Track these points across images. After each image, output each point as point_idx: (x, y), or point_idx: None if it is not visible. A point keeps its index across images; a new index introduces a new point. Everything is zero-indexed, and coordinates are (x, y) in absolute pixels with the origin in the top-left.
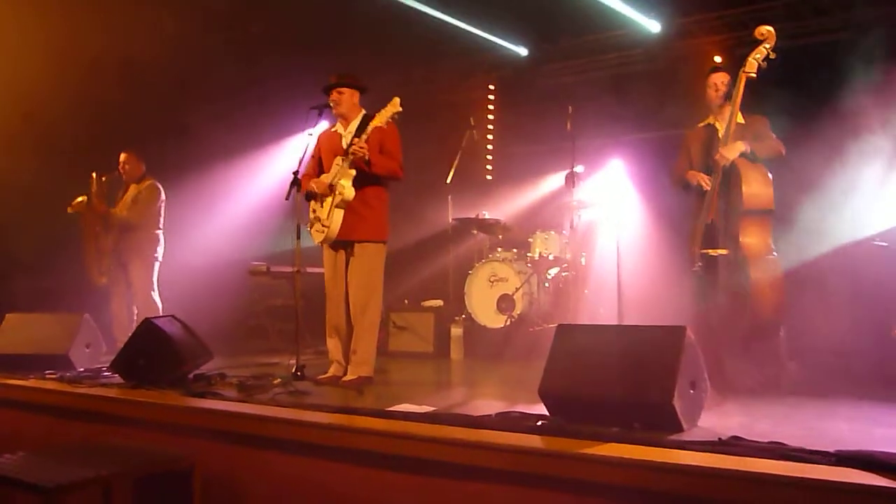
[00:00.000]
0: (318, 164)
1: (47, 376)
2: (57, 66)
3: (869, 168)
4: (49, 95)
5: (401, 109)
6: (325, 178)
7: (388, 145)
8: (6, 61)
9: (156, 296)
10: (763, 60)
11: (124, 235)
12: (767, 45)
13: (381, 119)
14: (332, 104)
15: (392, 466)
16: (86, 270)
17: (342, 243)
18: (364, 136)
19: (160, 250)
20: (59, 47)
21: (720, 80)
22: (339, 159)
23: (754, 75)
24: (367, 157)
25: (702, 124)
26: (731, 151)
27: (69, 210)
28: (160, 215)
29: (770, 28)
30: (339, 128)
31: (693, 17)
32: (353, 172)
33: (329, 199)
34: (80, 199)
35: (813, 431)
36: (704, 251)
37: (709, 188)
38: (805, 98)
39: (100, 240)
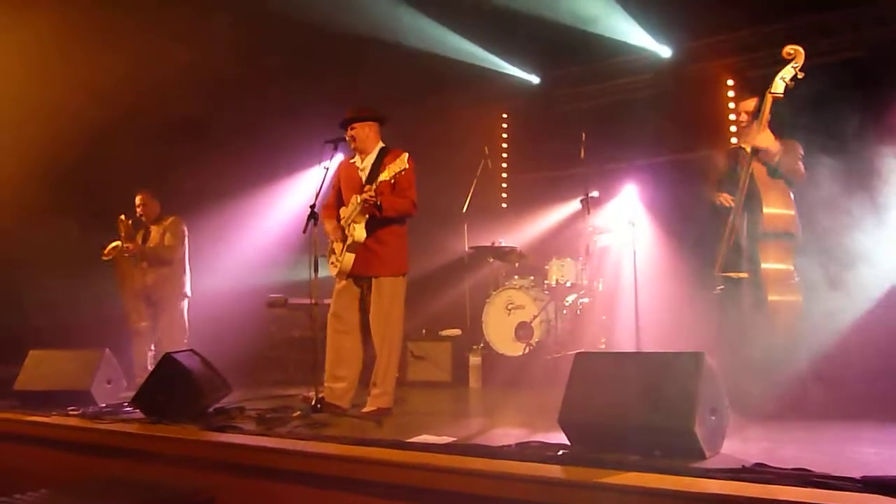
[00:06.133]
0: (338, 194)
1: (70, 412)
2: (72, 105)
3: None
4: (64, 133)
5: (408, 167)
6: (343, 214)
7: (402, 182)
8: (22, 100)
9: (184, 339)
10: (791, 80)
11: (155, 274)
12: (796, 65)
13: (388, 174)
14: (348, 139)
15: (412, 498)
16: (125, 317)
17: (359, 277)
18: (374, 186)
19: (188, 285)
20: (72, 84)
21: (746, 106)
22: (356, 198)
23: (781, 95)
24: (378, 203)
25: (732, 146)
26: (763, 140)
27: (104, 257)
28: (186, 250)
29: (798, 47)
30: (357, 160)
31: (702, 40)
32: (366, 216)
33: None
34: (113, 244)
35: (838, 456)
36: (726, 274)
37: (731, 206)
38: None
39: (135, 282)
